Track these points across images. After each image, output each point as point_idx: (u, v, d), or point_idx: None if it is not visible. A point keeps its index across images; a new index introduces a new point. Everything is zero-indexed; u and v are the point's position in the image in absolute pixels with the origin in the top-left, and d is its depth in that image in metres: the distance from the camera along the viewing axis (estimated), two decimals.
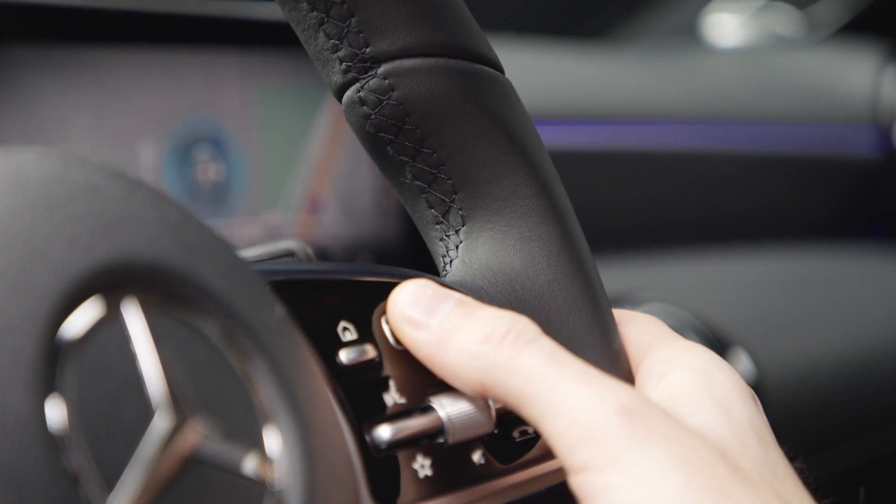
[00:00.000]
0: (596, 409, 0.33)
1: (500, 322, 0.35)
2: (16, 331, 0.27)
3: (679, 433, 0.33)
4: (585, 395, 0.33)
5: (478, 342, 0.35)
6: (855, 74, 1.20)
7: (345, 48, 0.38)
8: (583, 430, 0.33)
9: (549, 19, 1.52)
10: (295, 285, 0.36)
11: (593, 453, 0.32)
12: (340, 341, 0.36)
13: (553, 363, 0.34)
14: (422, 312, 0.36)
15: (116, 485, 0.27)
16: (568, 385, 0.34)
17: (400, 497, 0.34)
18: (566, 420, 0.33)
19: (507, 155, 0.39)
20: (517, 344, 0.35)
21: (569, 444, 0.33)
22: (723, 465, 0.33)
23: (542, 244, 0.39)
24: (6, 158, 0.30)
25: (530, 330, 0.35)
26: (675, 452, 0.32)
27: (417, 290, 0.37)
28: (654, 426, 0.33)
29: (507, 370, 0.34)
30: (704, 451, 0.33)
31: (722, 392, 0.36)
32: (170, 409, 0.28)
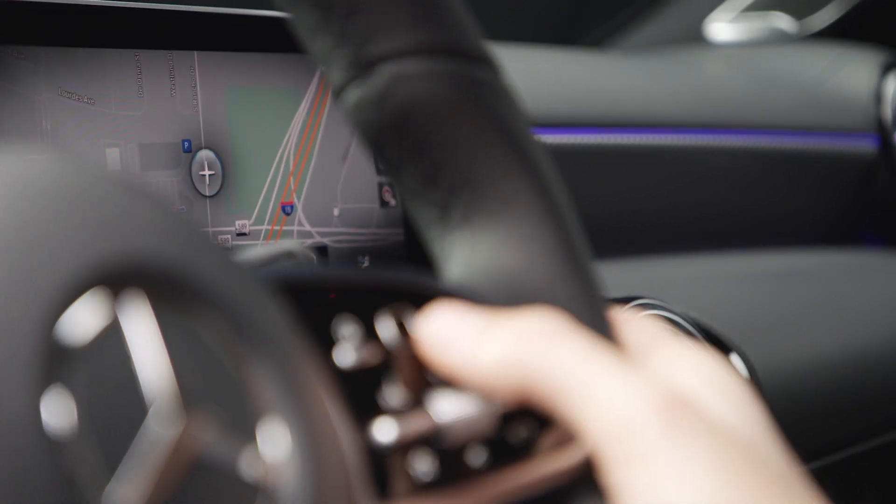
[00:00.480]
0: (634, 403, 0.33)
1: (530, 323, 0.35)
2: (11, 326, 0.27)
3: (713, 433, 0.33)
4: (622, 389, 0.33)
5: (507, 347, 0.35)
6: (855, 79, 1.20)
7: (345, 47, 0.38)
8: (620, 424, 0.33)
9: (552, 30, 1.52)
10: (295, 287, 0.36)
11: (629, 448, 0.32)
12: (341, 343, 0.36)
13: (587, 357, 0.34)
14: (447, 334, 0.36)
15: (117, 485, 0.27)
16: (604, 379, 0.34)
17: (399, 499, 0.34)
18: (602, 414, 0.33)
19: (508, 155, 0.39)
20: (549, 342, 0.35)
21: (605, 437, 0.33)
22: (751, 464, 0.33)
23: (542, 244, 0.39)
24: (6, 158, 0.30)
25: (561, 325, 0.35)
26: (712, 451, 0.32)
27: (440, 317, 0.37)
28: (691, 423, 0.33)
29: (540, 369, 0.34)
30: (735, 450, 0.33)
31: (734, 393, 0.36)
32: (174, 410, 0.28)
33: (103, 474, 0.27)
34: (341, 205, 0.71)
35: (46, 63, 0.60)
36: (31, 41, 0.59)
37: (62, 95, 0.60)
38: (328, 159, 0.71)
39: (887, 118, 1.18)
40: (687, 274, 0.99)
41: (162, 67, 0.64)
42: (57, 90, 0.60)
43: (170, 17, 0.65)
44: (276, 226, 0.69)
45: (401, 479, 0.35)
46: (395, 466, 0.35)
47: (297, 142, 0.70)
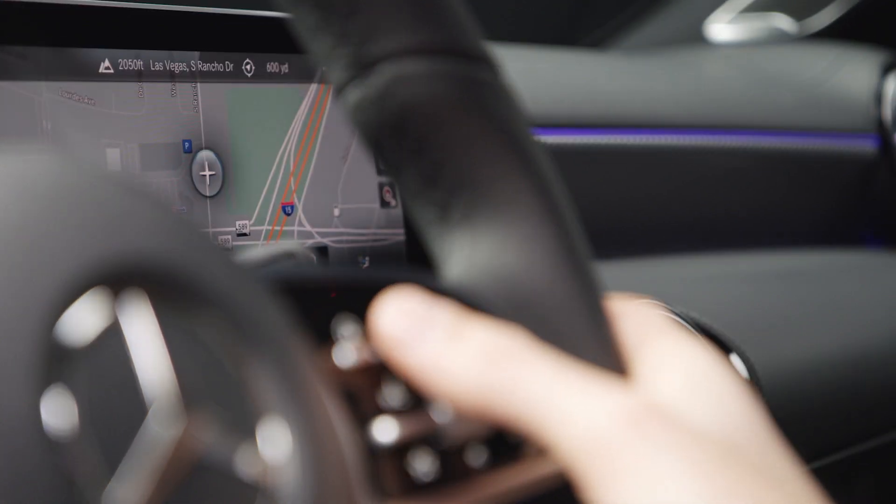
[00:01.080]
0: (603, 419, 0.33)
1: (492, 338, 0.35)
2: (12, 326, 0.27)
3: (686, 437, 0.33)
4: (590, 406, 0.33)
5: (472, 365, 0.34)
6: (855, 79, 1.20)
7: (345, 47, 0.38)
8: (591, 441, 0.32)
9: (552, 30, 1.52)
10: (295, 287, 0.36)
11: (602, 464, 0.32)
12: (341, 343, 0.36)
13: (553, 377, 0.34)
14: (409, 333, 0.35)
15: (117, 485, 0.27)
16: (571, 398, 0.33)
17: (399, 498, 0.34)
18: (573, 432, 0.33)
19: (508, 155, 0.39)
20: (514, 362, 0.34)
21: (578, 456, 0.33)
22: (724, 461, 0.33)
23: (542, 244, 0.39)
24: (6, 159, 0.30)
25: (526, 343, 0.35)
26: (684, 457, 0.32)
27: (402, 307, 0.35)
28: (661, 432, 0.32)
29: (506, 391, 0.34)
30: (706, 450, 0.33)
31: (720, 390, 0.36)
32: (174, 410, 0.28)
33: (103, 474, 0.27)
34: (342, 205, 0.71)
35: (46, 63, 0.60)
36: (31, 41, 0.59)
37: (62, 96, 0.60)
38: (328, 159, 0.71)
39: (887, 118, 1.18)
40: (687, 274, 0.98)
41: (162, 68, 0.64)
42: (57, 90, 0.60)
43: (170, 18, 0.65)
44: (276, 226, 0.69)
45: (400, 479, 0.35)
46: (395, 466, 0.35)
47: (297, 142, 0.70)
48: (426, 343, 0.35)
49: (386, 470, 0.34)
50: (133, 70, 0.63)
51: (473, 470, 0.36)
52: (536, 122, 0.91)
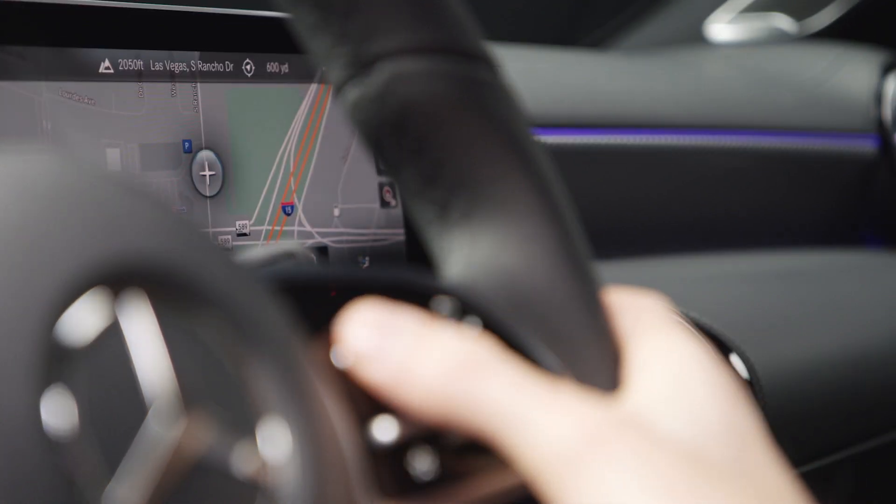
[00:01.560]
0: (564, 436, 0.32)
1: (457, 351, 0.34)
2: (12, 326, 0.27)
3: (651, 449, 0.32)
4: (553, 422, 0.33)
5: (436, 375, 0.34)
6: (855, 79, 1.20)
7: (345, 46, 0.38)
8: (552, 453, 0.32)
9: (552, 31, 1.52)
10: (295, 287, 0.36)
11: (563, 479, 0.32)
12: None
13: (517, 391, 0.34)
14: (372, 345, 0.34)
15: (117, 485, 0.27)
16: (534, 413, 0.33)
17: (400, 498, 0.34)
18: (536, 450, 0.33)
19: (508, 155, 0.39)
20: (477, 374, 0.34)
21: (540, 468, 0.33)
22: (688, 468, 0.32)
23: (542, 244, 0.39)
24: (6, 159, 0.30)
25: (490, 355, 0.34)
26: (640, 465, 0.32)
27: (365, 319, 0.35)
28: (624, 447, 0.32)
29: (469, 404, 0.34)
30: (668, 457, 0.32)
31: (703, 393, 0.35)
32: (174, 410, 0.28)
33: (103, 474, 0.27)
34: (342, 205, 0.71)
35: (46, 63, 0.60)
36: (30, 41, 0.59)
37: (62, 96, 0.60)
38: (328, 159, 0.71)
39: (887, 118, 1.18)
40: (687, 274, 0.98)
41: (162, 68, 0.64)
42: (57, 90, 0.60)
43: (170, 17, 0.65)
44: (276, 226, 0.69)
45: (400, 479, 0.35)
46: (395, 466, 0.35)
47: (297, 142, 0.70)
48: (390, 355, 0.34)
49: (385, 469, 0.34)
50: (133, 70, 0.63)
51: (473, 469, 0.36)
52: (536, 122, 0.91)
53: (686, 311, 0.82)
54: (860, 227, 1.18)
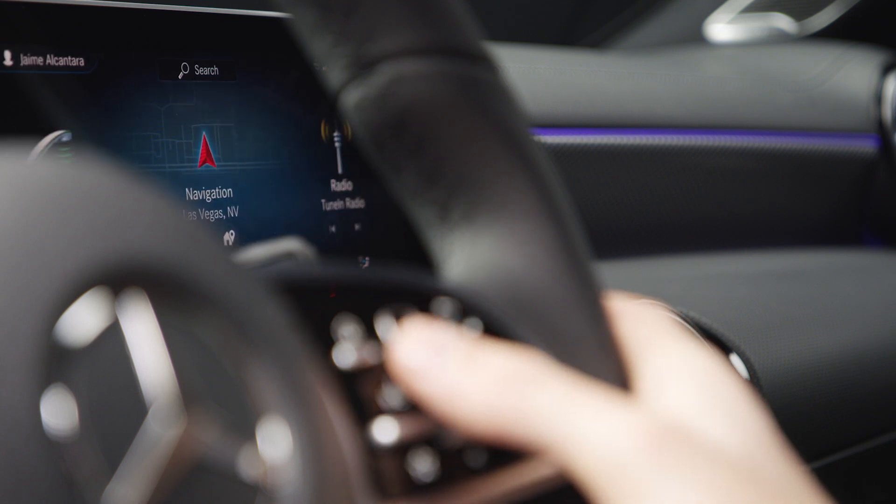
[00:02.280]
0: (621, 441, 0.33)
1: (508, 363, 0.35)
2: (12, 326, 0.27)
3: (701, 458, 0.33)
4: (609, 429, 0.33)
5: (488, 390, 0.34)
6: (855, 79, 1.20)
7: (345, 46, 0.38)
8: (609, 464, 0.33)
9: (552, 31, 1.52)
10: (295, 287, 0.36)
11: (622, 487, 0.32)
12: (341, 343, 0.36)
13: (569, 402, 0.34)
14: (426, 363, 0.35)
15: (117, 485, 0.27)
16: (588, 419, 0.33)
17: (399, 499, 0.34)
18: (591, 456, 0.33)
19: (508, 155, 0.39)
20: (528, 386, 0.34)
21: (597, 479, 0.33)
22: (742, 483, 0.33)
23: (542, 244, 0.39)
24: (6, 159, 0.30)
25: (539, 366, 0.35)
26: (700, 479, 0.32)
27: (419, 338, 0.36)
28: (682, 455, 0.33)
29: (521, 416, 0.34)
30: (724, 472, 0.33)
31: (731, 403, 0.36)
32: (174, 410, 0.28)
33: (103, 474, 0.27)
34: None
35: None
36: (31, 41, 0.59)
37: None
38: None
39: (887, 119, 1.18)
40: (687, 274, 0.98)
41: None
42: None
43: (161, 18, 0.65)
44: None
45: (401, 480, 0.35)
46: (395, 467, 0.35)
47: None
48: (443, 372, 0.35)
49: (386, 470, 0.34)
50: None
51: (473, 471, 0.36)
52: (536, 122, 0.91)
53: (686, 311, 0.82)
54: (860, 227, 1.18)
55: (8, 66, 0.58)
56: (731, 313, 0.87)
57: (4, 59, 0.58)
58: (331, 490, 0.30)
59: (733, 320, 0.86)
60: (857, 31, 1.41)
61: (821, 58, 1.25)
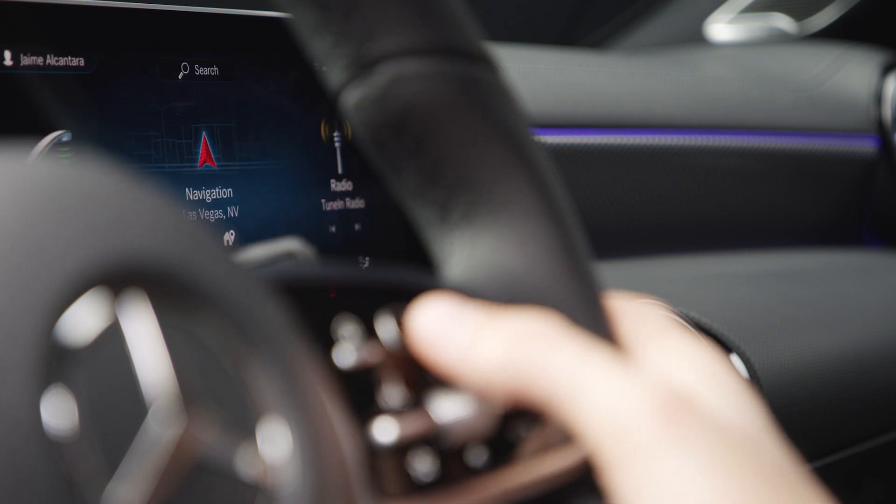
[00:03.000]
0: (631, 403, 0.33)
1: (526, 324, 0.35)
2: (12, 326, 0.27)
3: (711, 431, 0.33)
4: (619, 390, 0.33)
5: (502, 347, 0.35)
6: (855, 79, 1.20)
7: (345, 46, 0.38)
8: (617, 425, 0.32)
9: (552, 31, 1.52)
10: (295, 286, 0.36)
11: (628, 449, 0.32)
12: (341, 343, 0.36)
13: (583, 359, 0.34)
14: (443, 327, 0.36)
15: (117, 485, 0.27)
16: (600, 381, 0.33)
17: (399, 498, 0.34)
18: (599, 415, 0.33)
19: (508, 155, 0.39)
20: (542, 342, 0.34)
21: (603, 439, 0.33)
22: (749, 461, 0.33)
23: (542, 244, 0.39)
24: (6, 159, 0.30)
25: (557, 327, 0.35)
26: (711, 449, 0.32)
27: (435, 310, 0.36)
28: (689, 423, 0.32)
29: (536, 372, 0.34)
30: (733, 448, 0.33)
31: (731, 390, 0.36)
32: (174, 410, 0.28)
33: (103, 474, 0.27)
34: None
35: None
36: (31, 41, 0.59)
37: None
38: None
39: (887, 119, 1.18)
40: (687, 274, 0.98)
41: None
42: None
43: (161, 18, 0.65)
44: None
45: (401, 480, 0.35)
46: (395, 466, 0.35)
47: None
48: (458, 335, 0.36)
49: (386, 470, 0.34)
50: None
51: (473, 470, 0.36)
52: (536, 122, 0.91)
53: (686, 311, 0.82)
54: (860, 227, 1.18)
55: (8, 66, 0.58)
56: (731, 313, 0.87)
57: (4, 59, 0.58)
58: (331, 490, 0.30)
59: (733, 320, 0.86)
60: (857, 31, 1.41)
61: (821, 58, 1.25)
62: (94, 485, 0.26)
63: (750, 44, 1.43)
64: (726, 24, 1.44)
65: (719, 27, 1.44)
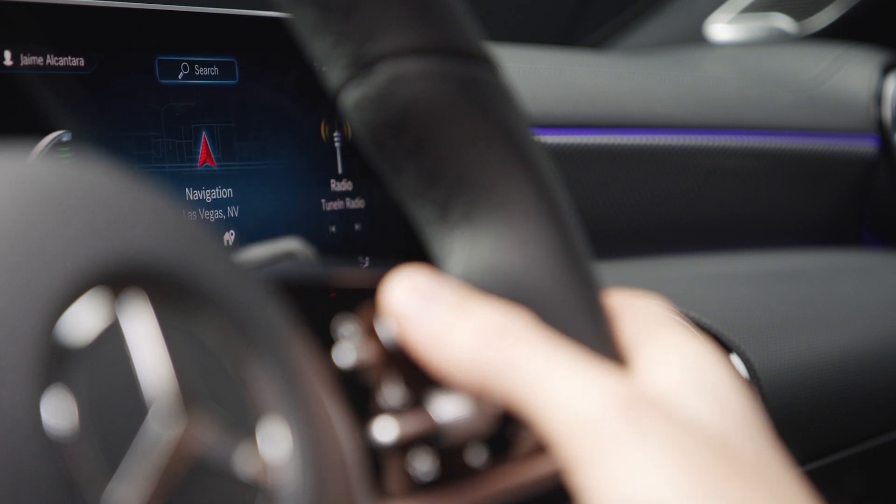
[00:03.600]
0: (592, 401, 0.33)
1: (494, 317, 0.35)
2: (12, 326, 0.27)
3: (674, 427, 0.33)
4: (582, 388, 0.33)
5: (471, 341, 0.35)
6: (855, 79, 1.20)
7: (345, 46, 0.38)
8: (579, 422, 0.32)
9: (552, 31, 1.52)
10: (295, 286, 0.36)
11: (589, 446, 0.32)
12: (340, 343, 0.36)
13: (547, 358, 0.34)
14: (415, 308, 0.36)
15: (117, 485, 0.27)
16: (564, 379, 0.33)
17: (399, 498, 0.34)
18: (562, 413, 0.33)
19: (508, 155, 0.39)
20: (510, 339, 0.34)
21: (565, 436, 0.33)
22: (715, 456, 0.32)
23: (542, 244, 0.39)
24: (6, 159, 0.30)
25: (524, 323, 0.35)
26: (670, 445, 0.32)
27: (410, 284, 0.36)
28: (650, 419, 0.32)
29: (501, 368, 0.34)
30: (698, 443, 0.32)
31: (715, 384, 0.36)
32: (174, 410, 0.28)
33: (103, 474, 0.27)
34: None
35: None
36: (31, 41, 0.59)
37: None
38: None
39: (887, 119, 1.18)
40: (687, 274, 0.98)
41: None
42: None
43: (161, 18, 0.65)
44: None
45: (400, 479, 0.35)
46: (395, 466, 0.35)
47: None
48: (430, 318, 0.35)
49: (386, 469, 0.34)
50: None
51: (473, 469, 0.36)
52: (536, 122, 0.91)
53: (686, 311, 0.82)
54: (860, 227, 1.18)
55: (8, 66, 0.58)
56: (731, 313, 0.87)
57: (4, 59, 0.58)
58: (331, 490, 0.30)
59: (733, 320, 0.86)
60: (857, 31, 1.41)
61: (821, 58, 1.25)
62: (94, 485, 0.26)
63: (750, 44, 1.43)
64: (726, 24, 1.44)
65: (719, 27, 1.44)
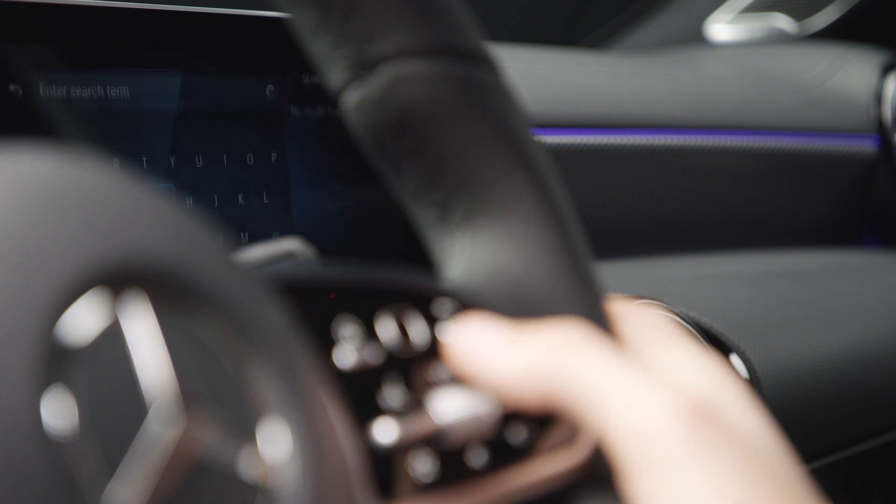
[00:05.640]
0: (656, 411, 0.33)
1: (555, 333, 0.36)
2: (12, 326, 0.27)
3: (733, 439, 0.33)
4: (645, 397, 0.33)
5: (532, 360, 0.35)
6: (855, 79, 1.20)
7: (346, 47, 0.38)
8: (642, 432, 0.33)
9: (552, 31, 1.52)
10: (295, 287, 0.36)
11: (652, 456, 0.32)
12: (341, 344, 0.36)
13: (610, 366, 0.34)
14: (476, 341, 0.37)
15: (117, 485, 0.27)
16: (627, 387, 0.34)
17: (400, 500, 0.34)
18: (625, 422, 0.33)
19: (508, 156, 0.39)
20: (573, 351, 0.35)
21: (627, 445, 0.33)
22: (766, 472, 0.33)
23: (542, 245, 0.39)
24: (6, 159, 0.30)
25: (585, 335, 0.35)
26: (733, 459, 0.32)
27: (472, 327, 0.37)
28: (713, 431, 0.33)
29: (564, 378, 0.34)
30: (754, 458, 0.33)
31: (742, 398, 0.36)
32: (174, 410, 0.28)
33: (103, 474, 0.27)
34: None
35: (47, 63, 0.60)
36: (31, 41, 0.59)
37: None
38: None
39: (887, 119, 1.18)
40: (687, 274, 0.98)
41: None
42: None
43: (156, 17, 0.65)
44: None
45: (401, 480, 0.35)
46: (396, 467, 0.35)
47: None
48: (490, 346, 0.36)
49: (386, 471, 0.34)
50: None
51: (474, 471, 0.36)
52: (536, 122, 0.91)
53: (686, 311, 0.82)
54: (860, 227, 1.18)
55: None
56: (731, 313, 0.87)
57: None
58: (331, 490, 0.30)
59: (733, 320, 0.86)
60: (857, 31, 1.41)
61: (821, 58, 1.25)
62: (94, 485, 0.26)
63: (750, 44, 1.43)
64: (726, 24, 1.44)
65: (719, 27, 1.44)
